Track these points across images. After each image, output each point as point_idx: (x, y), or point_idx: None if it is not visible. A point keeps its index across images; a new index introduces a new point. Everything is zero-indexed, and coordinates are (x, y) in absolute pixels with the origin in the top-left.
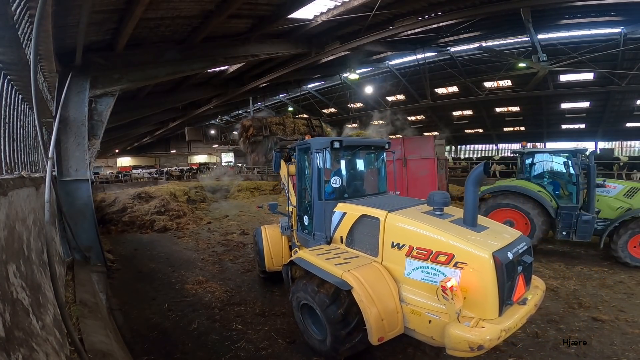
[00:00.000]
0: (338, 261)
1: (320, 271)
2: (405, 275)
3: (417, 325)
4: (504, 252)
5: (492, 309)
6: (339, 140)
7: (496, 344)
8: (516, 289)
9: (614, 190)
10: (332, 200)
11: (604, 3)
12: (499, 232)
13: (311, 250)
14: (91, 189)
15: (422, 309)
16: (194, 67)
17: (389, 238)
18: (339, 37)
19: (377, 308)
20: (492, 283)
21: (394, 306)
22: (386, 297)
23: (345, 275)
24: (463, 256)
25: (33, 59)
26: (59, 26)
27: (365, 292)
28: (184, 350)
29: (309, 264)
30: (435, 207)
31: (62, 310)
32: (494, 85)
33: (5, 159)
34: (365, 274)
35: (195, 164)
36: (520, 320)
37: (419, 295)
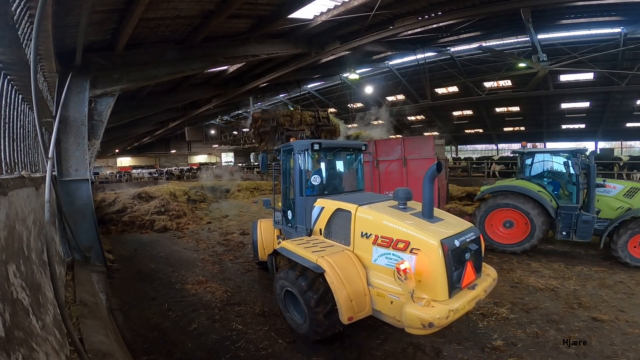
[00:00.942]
0: (315, 249)
1: (299, 258)
2: (373, 261)
3: (382, 306)
4: (451, 239)
5: (442, 291)
6: (318, 143)
7: (444, 323)
8: (465, 275)
9: (614, 190)
10: (312, 196)
11: (604, 3)
12: (451, 224)
13: (293, 241)
14: (91, 189)
15: (385, 291)
16: (194, 67)
17: (359, 229)
18: (339, 37)
19: (347, 290)
20: (441, 267)
21: (362, 289)
22: (355, 280)
23: (320, 260)
24: (417, 243)
25: (33, 59)
26: (59, 26)
27: (336, 275)
28: (184, 350)
29: (290, 252)
30: (399, 201)
31: (62, 310)
32: (494, 85)
33: (5, 159)
34: (337, 260)
35: (195, 164)
36: (468, 303)
37: (383, 280)
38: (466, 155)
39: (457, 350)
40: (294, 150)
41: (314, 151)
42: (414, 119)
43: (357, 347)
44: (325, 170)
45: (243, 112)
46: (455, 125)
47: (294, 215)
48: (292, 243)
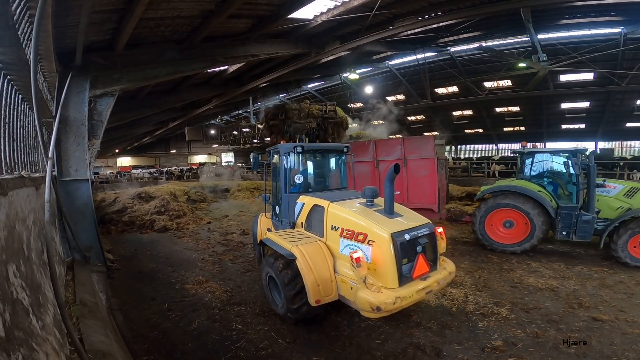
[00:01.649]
0: (293, 240)
1: (278, 246)
2: (340, 251)
3: (345, 292)
4: (401, 233)
5: (392, 279)
6: (301, 146)
7: (392, 309)
8: (416, 266)
9: (614, 190)
10: (296, 193)
11: (604, 3)
12: (409, 219)
13: (277, 232)
14: (91, 189)
15: (347, 277)
16: (194, 67)
17: (330, 222)
18: (339, 37)
19: (314, 275)
20: (390, 257)
21: (329, 275)
22: (322, 267)
23: (293, 249)
24: (372, 235)
25: (33, 59)
26: (59, 26)
27: (305, 262)
28: (184, 350)
29: (272, 242)
30: (367, 199)
31: (62, 310)
32: (494, 85)
33: (5, 159)
34: (308, 248)
35: (195, 164)
36: (417, 292)
37: (346, 268)
38: (466, 155)
39: (457, 350)
40: (280, 152)
41: (298, 153)
42: (414, 119)
43: (357, 347)
44: (310, 169)
45: (243, 112)
46: (455, 125)
47: (280, 210)
48: (275, 234)
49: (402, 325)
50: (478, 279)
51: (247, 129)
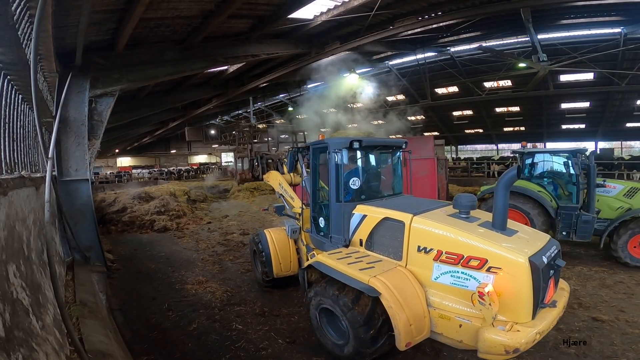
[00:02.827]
0: (361, 266)
1: (344, 276)
2: (433, 279)
3: (446, 329)
4: (539, 256)
5: (526, 312)
6: (358, 140)
7: (529, 347)
8: (548, 292)
9: (614, 190)
10: (351, 202)
11: (604, 3)
12: (530, 236)
13: (330, 254)
14: (91, 189)
15: (452, 313)
16: (194, 67)
17: (415, 242)
18: (339, 37)
19: (406, 314)
20: (528, 288)
21: (422, 311)
22: (414, 302)
23: (372, 281)
24: (497, 261)
25: (33, 59)
26: (59, 26)
27: (393, 297)
28: (184, 350)
29: (330, 269)
30: (461, 210)
31: (62, 310)
32: (494, 85)
33: (5, 159)
34: (393, 279)
35: (195, 164)
36: (551, 323)
37: (448, 300)
38: (466, 155)
39: (457, 350)
40: (329, 149)
41: (352, 150)
42: (414, 119)
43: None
44: (364, 171)
45: (243, 112)
46: (455, 125)
47: (328, 224)
48: (330, 257)
49: None
50: None
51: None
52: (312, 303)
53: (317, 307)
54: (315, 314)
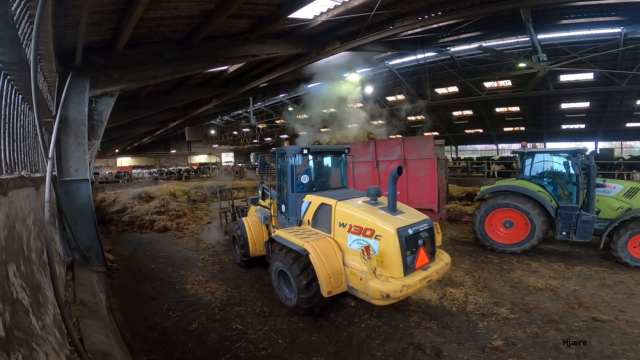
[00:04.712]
0: (303, 236)
1: (290, 243)
2: (348, 246)
3: (355, 283)
4: (405, 228)
5: (398, 270)
6: (307, 148)
7: (399, 296)
8: (418, 258)
9: (614, 190)
10: (302, 192)
11: (604, 3)
12: (410, 216)
13: (285, 230)
14: (91, 189)
15: (356, 270)
16: (194, 67)
17: (337, 219)
18: (339, 37)
19: (326, 268)
20: (397, 250)
21: (339, 268)
22: (333, 261)
23: (305, 245)
24: (380, 231)
25: (33, 59)
26: (59, 26)
27: (318, 256)
28: (184, 350)
29: (283, 239)
30: (371, 197)
31: (62, 310)
32: (494, 85)
33: (5, 159)
34: (319, 244)
35: (195, 164)
36: (420, 281)
37: (355, 261)
38: (466, 155)
39: (457, 350)
40: (287, 153)
41: (303, 154)
42: (414, 119)
43: (357, 347)
44: (313, 170)
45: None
46: (455, 125)
47: (287, 209)
48: (284, 232)
49: (402, 325)
50: (478, 279)
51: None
52: (272, 268)
53: (275, 270)
54: (275, 276)
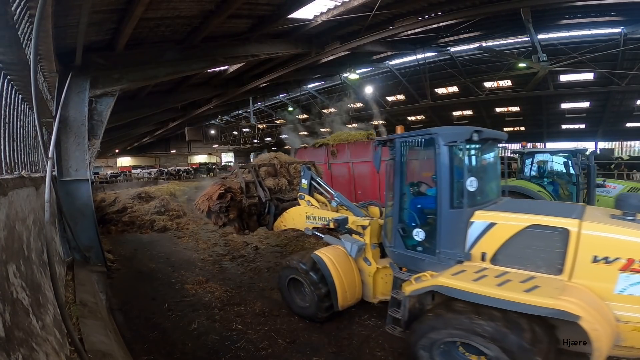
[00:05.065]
0: (521, 286)
1: (505, 302)
2: (618, 292)
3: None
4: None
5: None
6: (479, 131)
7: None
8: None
9: (614, 190)
10: (467, 207)
11: (604, 3)
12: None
13: (455, 275)
14: (91, 189)
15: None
16: (193, 67)
17: (589, 252)
18: (339, 37)
19: (608, 332)
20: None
21: (615, 327)
22: (610, 318)
23: (564, 305)
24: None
25: (33, 59)
26: (59, 26)
27: (596, 318)
28: (184, 350)
29: (475, 295)
30: (626, 211)
31: (62, 310)
32: (494, 85)
33: (5, 159)
34: (584, 298)
35: (195, 164)
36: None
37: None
38: None
39: None
40: (438, 141)
41: (471, 143)
42: (414, 119)
43: (357, 347)
44: (477, 170)
45: (243, 112)
46: (455, 125)
47: (434, 237)
48: (461, 279)
49: None
50: None
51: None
52: (439, 337)
53: (441, 348)
54: (445, 354)
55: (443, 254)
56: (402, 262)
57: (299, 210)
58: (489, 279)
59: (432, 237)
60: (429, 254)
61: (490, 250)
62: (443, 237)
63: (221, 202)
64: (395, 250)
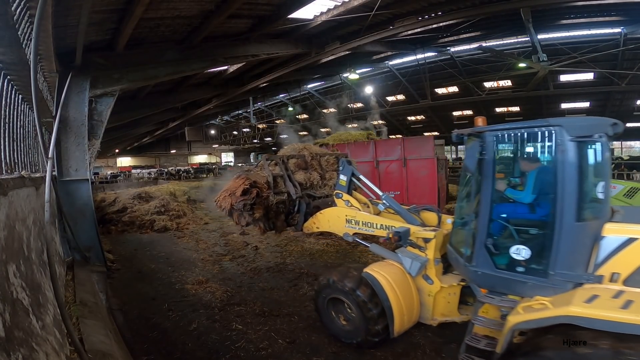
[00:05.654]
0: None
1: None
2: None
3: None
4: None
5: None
6: (616, 123)
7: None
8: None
9: (614, 191)
10: (595, 220)
11: (604, 3)
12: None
13: (590, 302)
14: (91, 189)
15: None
16: (194, 67)
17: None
18: (339, 37)
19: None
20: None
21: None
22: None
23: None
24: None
25: (33, 59)
26: (59, 26)
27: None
28: (184, 350)
29: (632, 326)
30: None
31: (62, 310)
32: (494, 85)
33: (5, 159)
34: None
35: (195, 164)
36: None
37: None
38: None
39: (457, 351)
40: (563, 136)
41: (604, 138)
42: (414, 119)
43: (357, 347)
44: (600, 173)
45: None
46: (455, 125)
47: (546, 255)
48: (604, 307)
49: None
50: None
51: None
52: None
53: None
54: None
55: (559, 275)
56: (487, 284)
57: (337, 211)
58: (638, 305)
59: (542, 256)
60: (537, 276)
61: (626, 270)
62: (562, 256)
63: (245, 198)
64: (478, 270)
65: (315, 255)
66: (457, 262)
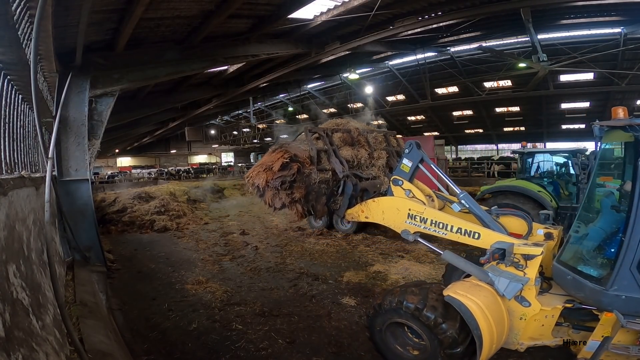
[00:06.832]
0: None
1: None
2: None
3: None
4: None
5: None
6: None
7: None
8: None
9: None
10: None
11: (604, 3)
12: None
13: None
14: (91, 189)
15: None
16: (193, 67)
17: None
18: (339, 37)
19: None
20: None
21: None
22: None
23: None
24: None
25: (33, 59)
26: (59, 26)
27: None
28: (184, 350)
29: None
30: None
31: (62, 310)
32: (494, 85)
33: (5, 159)
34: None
35: (195, 164)
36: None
37: None
38: (466, 155)
39: None
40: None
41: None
42: (414, 119)
43: (357, 347)
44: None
45: (243, 112)
46: (455, 125)
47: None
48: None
49: None
50: None
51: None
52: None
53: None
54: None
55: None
56: (632, 309)
57: (397, 202)
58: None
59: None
60: None
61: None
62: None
63: (284, 174)
64: (622, 294)
65: (315, 255)
66: (575, 284)
